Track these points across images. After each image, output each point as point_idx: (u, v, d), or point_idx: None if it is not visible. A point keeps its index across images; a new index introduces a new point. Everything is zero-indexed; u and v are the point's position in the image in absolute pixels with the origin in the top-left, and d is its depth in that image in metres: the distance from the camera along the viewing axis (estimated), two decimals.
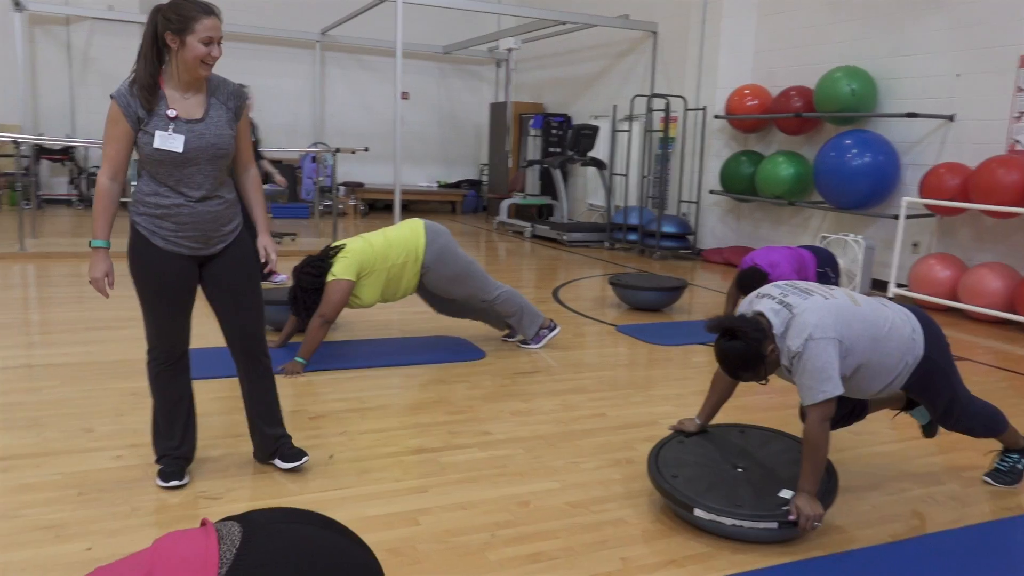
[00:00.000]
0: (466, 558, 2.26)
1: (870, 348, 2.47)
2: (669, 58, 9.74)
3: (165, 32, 2.38)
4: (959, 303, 6.10)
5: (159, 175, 2.46)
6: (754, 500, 2.42)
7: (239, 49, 12.46)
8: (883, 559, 2.32)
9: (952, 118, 6.71)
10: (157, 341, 2.60)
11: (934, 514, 2.67)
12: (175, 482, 2.60)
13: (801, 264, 5.25)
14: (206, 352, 4.23)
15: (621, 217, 9.63)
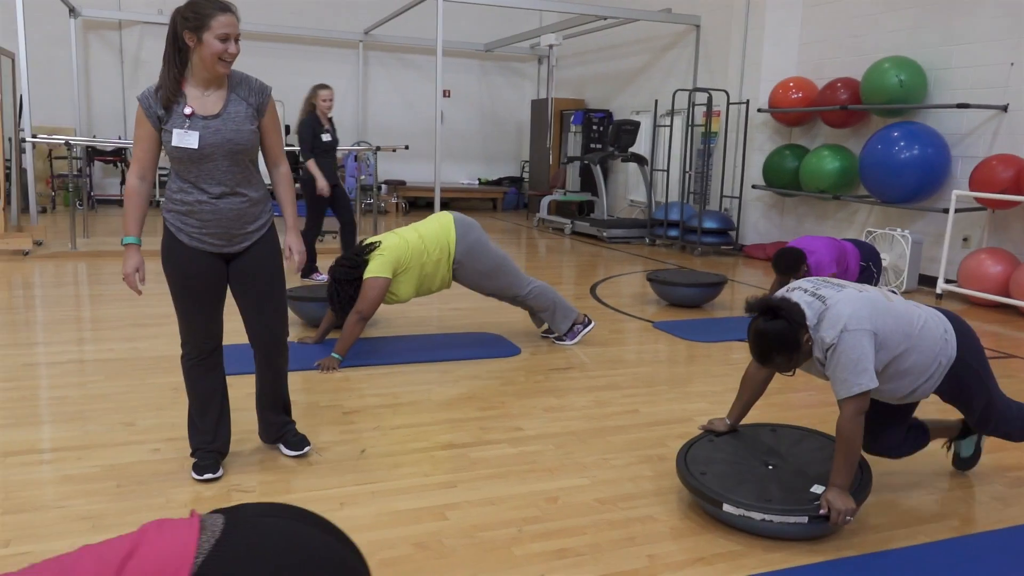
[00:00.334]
0: (492, 553, 2.27)
1: (903, 343, 2.41)
2: (712, 51, 9.61)
3: (183, 31, 2.43)
4: (1011, 299, 5.90)
5: (182, 172, 2.53)
6: (784, 495, 2.38)
7: (284, 50, 12.67)
8: (918, 560, 2.26)
9: (1006, 108, 6.49)
10: (188, 336, 2.66)
11: (975, 515, 2.59)
12: (209, 475, 2.66)
13: (842, 254, 5.13)
14: (240, 348, 4.31)
15: (662, 213, 9.54)
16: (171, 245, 2.58)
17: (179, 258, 2.57)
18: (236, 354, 4.12)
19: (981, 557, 2.29)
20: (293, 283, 6.32)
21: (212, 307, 2.65)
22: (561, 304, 4.59)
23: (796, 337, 2.32)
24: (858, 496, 2.35)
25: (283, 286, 2.75)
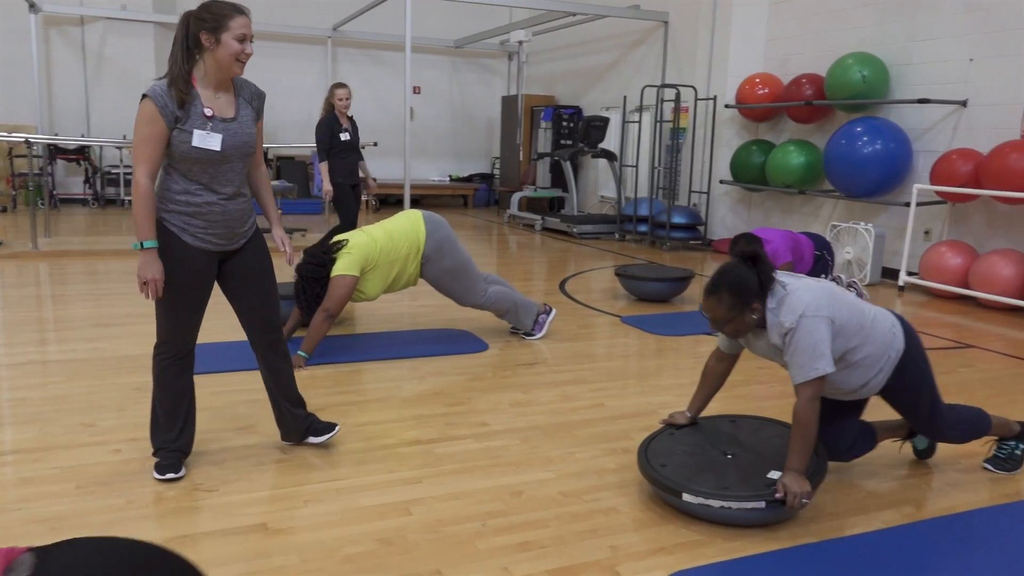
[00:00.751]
0: (456, 547, 2.28)
1: (858, 334, 2.46)
2: (680, 48, 9.69)
3: (199, 32, 2.44)
4: (971, 291, 6.03)
5: (191, 173, 2.52)
6: (742, 482, 2.42)
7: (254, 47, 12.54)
8: (874, 546, 2.31)
9: (965, 103, 6.63)
10: (171, 336, 2.64)
11: (930, 501, 2.65)
12: (171, 475, 2.64)
13: (796, 244, 5.24)
14: (203, 348, 4.28)
15: (631, 209, 9.60)
16: (172, 245, 2.54)
17: (180, 258, 2.55)
18: (199, 353, 4.08)
19: (935, 541, 2.34)
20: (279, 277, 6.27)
21: (202, 307, 2.67)
22: (521, 302, 4.63)
23: (752, 293, 2.38)
24: (813, 480, 2.40)
25: (275, 277, 2.82)
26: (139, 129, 2.43)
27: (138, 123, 2.43)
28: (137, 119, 2.43)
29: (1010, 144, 5.90)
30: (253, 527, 2.36)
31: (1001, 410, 3.65)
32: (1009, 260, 5.85)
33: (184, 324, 2.63)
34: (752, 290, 2.40)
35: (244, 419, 3.24)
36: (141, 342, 4.38)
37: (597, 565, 2.21)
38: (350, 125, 6.45)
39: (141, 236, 2.46)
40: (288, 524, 2.38)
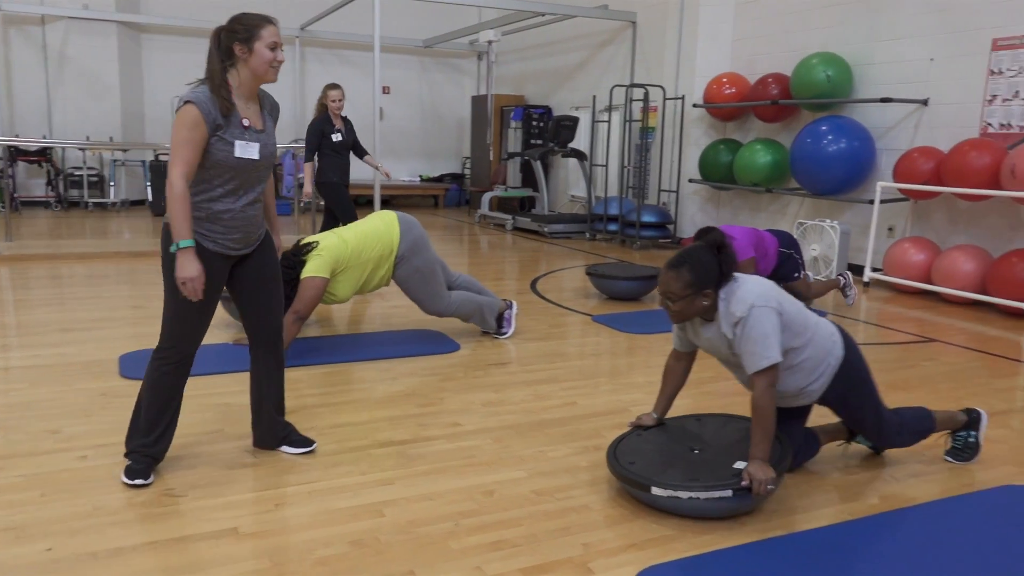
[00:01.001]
0: (428, 547, 2.28)
1: (801, 333, 2.55)
2: (648, 47, 9.76)
3: (232, 44, 2.52)
4: (933, 286, 6.16)
5: (218, 181, 2.55)
6: (709, 474, 2.46)
7: None
8: (841, 537, 2.35)
9: (926, 102, 6.76)
10: (178, 340, 2.63)
11: (894, 492, 2.71)
12: (140, 480, 2.61)
13: (760, 241, 5.23)
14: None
15: (602, 208, 9.65)
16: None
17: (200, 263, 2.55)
18: None
19: (900, 531, 2.39)
20: None
21: (212, 312, 2.69)
22: (485, 303, 4.61)
23: (710, 279, 2.45)
24: (778, 468, 2.45)
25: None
26: (179, 132, 2.45)
27: (179, 126, 2.46)
28: (178, 123, 2.46)
29: (969, 142, 6.04)
30: (224, 532, 2.34)
31: (962, 403, 3.73)
32: (970, 256, 5.98)
33: (194, 328, 2.65)
34: (711, 275, 2.47)
35: (212, 423, 3.22)
36: (106, 346, 4.32)
37: (569, 562, 2.22)
38: (343, 126, 6.43)
39: (178, 236, 2.46)
40: (259, 528, 2.37)
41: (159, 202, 10.98)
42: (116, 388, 3.62)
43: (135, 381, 3.72)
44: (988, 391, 3.93)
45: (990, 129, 6.28)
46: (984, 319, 5.63)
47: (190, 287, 2.50)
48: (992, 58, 6.26)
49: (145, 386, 2.67)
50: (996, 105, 6.24)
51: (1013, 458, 3.05)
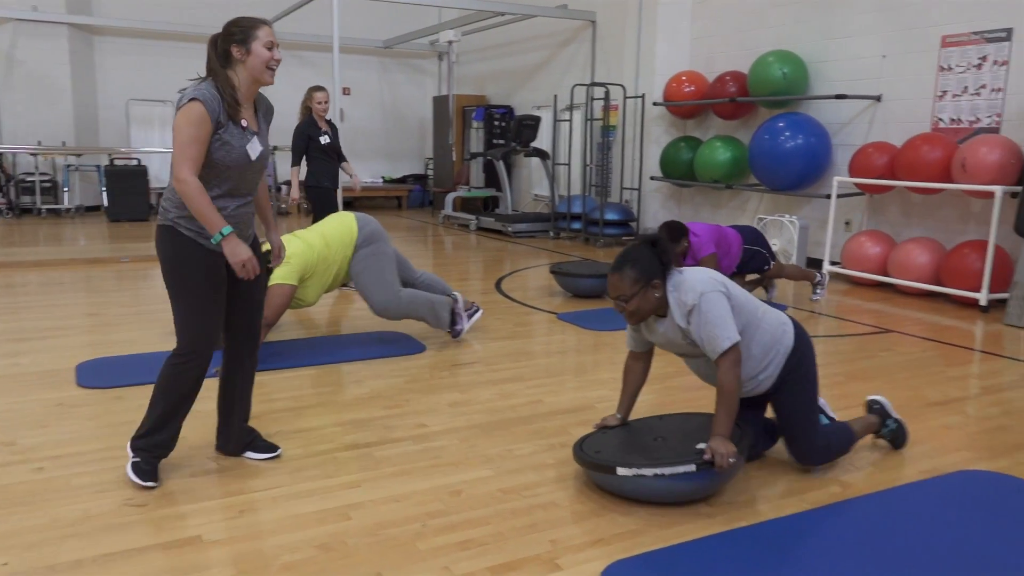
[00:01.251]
0: (396, 549, 2.27)
1: (752, 321, 2.63)
2: (608, 47, 9.82)
3: (230, 46, 2.53)
4: (889, 278, 6.29)
5: (215, 182, 2.55)
6: (672, 455, 2.51)
7: (172, 49, 12.21)
8: (805, 525, 2.39)
9: (879, 99, 6.90)
10: (202, 339, 2.61)
11: (854, 480, 2.76)
12: (151, 482, 2.62)
13: (722, 237, 5.28)
14: (121, 360, 4.16)
15: (565, 206, 9.68)
16: (191, 249, 2.56)
17: (205, 261, 2.57)
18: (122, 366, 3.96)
19: (861, 518, 2.44)
20: None
21: (224, 305, 2.69)
22: (436, 302, 4.50)
23: (653, 270, 2.54)
24: (740, 446, 2.50)
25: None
26: (185, 130, 2.44)
27: (183, 124, 2.44)
28: (182, 120, 2.44)
29: (921, 137, 6.18)
30: (187, 540, 2.30)
31: (919, 390, 3.82)
32: (924, 248, 6.12)
33: (213, 321, 2.63)
34: (653, 267, 2.54)
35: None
36: (62, 356, 4.22)
37: (537, 559, 2.23)
38: (329, 128, 6.26)
39: (216, 227, 2.48)
40: (224, 535, 2.34)
41: (116, 207, 10.76)
42: (73, 398, 3.54)
43: (92, 390, 3.64)
44: (943, 379, 4.02)
45: (941, 124, 6.44)
46: (938, 309, 5.76)
47: (250, 267, 2.54)
48: (941, 55, 6.41)
49: (161, 386, 2.64)
50: (946, 101, 6.40)
51: (968, 444, 3.13)
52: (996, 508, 2.52)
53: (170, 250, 2.56)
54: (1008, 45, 5.95)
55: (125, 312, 5.31)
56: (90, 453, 2.92)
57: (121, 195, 10.77)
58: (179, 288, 2.58)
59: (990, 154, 5.60)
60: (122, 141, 11.95)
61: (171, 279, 2.59)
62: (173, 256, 2.56)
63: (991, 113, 6.09)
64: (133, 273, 6.88)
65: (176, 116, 2.47)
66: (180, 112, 2.46)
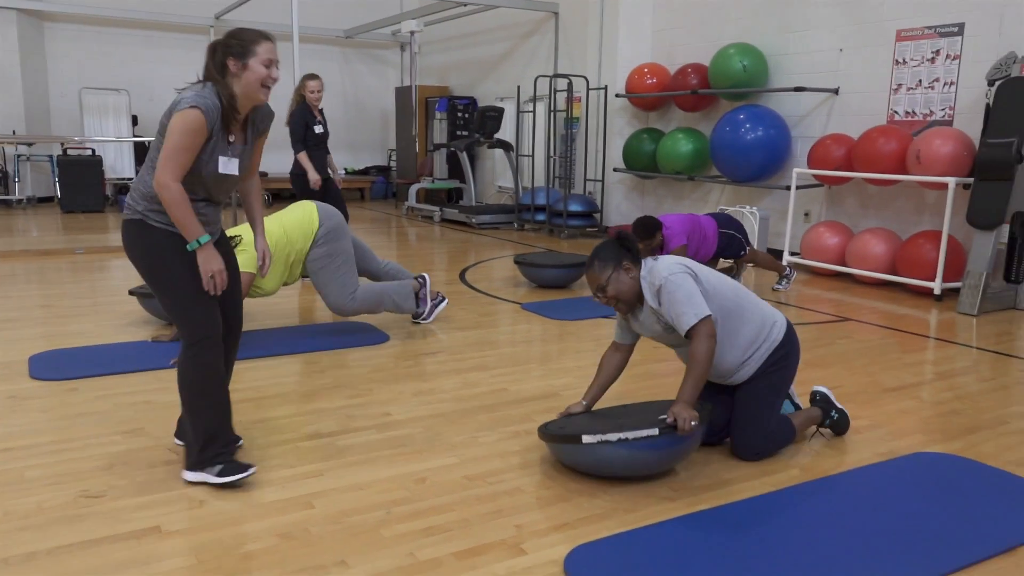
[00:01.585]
0: (359, 536, 2.25)
1: (735, 308, 2.69)
2: (571, 38, 9.83)
3: (227, 58, 2.45)
4: (847, 267, 6.41)
5: (191, 185, 2.47)
6: (635, 423, 2.55)
7: (128, 36, 11.93)
8: (766, 507, 2.43)
9: (837, 91, 7.01)
10: (209, 323, 2.53)
11: (814, 464, 2.81)
12: (247, 471, 2.54)
13: (696, 226, 5.43)
14: (81, 351, 4.07)
15: (529, 198, 9.69)
16: (166, 241, 2.48)
17: (179, 249, 2.48)
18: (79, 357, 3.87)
19: (822, 498, 2.49)
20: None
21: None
22: (392, 290, 4.45)
23: (618, 253, 2.66)
24: (701, 415, 2.55)
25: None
26: (180, 137, 2.36)
27: (180, 130, 2.36)
28: (180, 125, 2.35)
29: (878, 129, 6.29)
30: (145, 531, 2.26)
31: (876, 376, 3.90)
32: (880, 238, 6.24)
33: (214, 308, 2.56)
34: (618, 252, 2.65)
35: (131, 422, 3.10)
36: (14, 348, 4.11)
37: (502, 544, 2.23)
38: (322, 117, 6.09)
39: (194, 235, 2.43)
40: (183, 525, 2.30)
41: (69, 198, 10.50)
42: (25, 390, 3.45)
43: (45, 383, 3.55)
44: (898, 366, 4.11)
45: (896, 117, 6.57)
46: (894, 298, 5.89)
47: (219, 279, 2.48)
48: (896, 49, 6.53)
49: (188, 387, 2.54)
50: (901, 94, 6.53)
51: (922, 427, 3.21)
52: (951, 488, 2.58)
53: (143, 245, 2.49)
54: (960, 40, 6.09)
55: (80, 304, 5.19)
56: (44, 445, 2.85)
57: (75, 186, 10.51)
58: (164, 282, 2.50)
59: (943, 146, 5.72)
60: (75, 130, 11.65)
61: (152, 274, 2.50)
62: (148, 250, 2.49)
63: (944, 106, 6.22)
64: (88, 264, 6.72)
65: (173, 118, 2.37)
66: (178, 116, 2.36)
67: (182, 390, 2.55)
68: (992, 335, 4.83)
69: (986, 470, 2.74)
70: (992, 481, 2.64)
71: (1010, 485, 2.61)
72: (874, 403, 3.49)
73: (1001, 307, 5.55)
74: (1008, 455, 2.92)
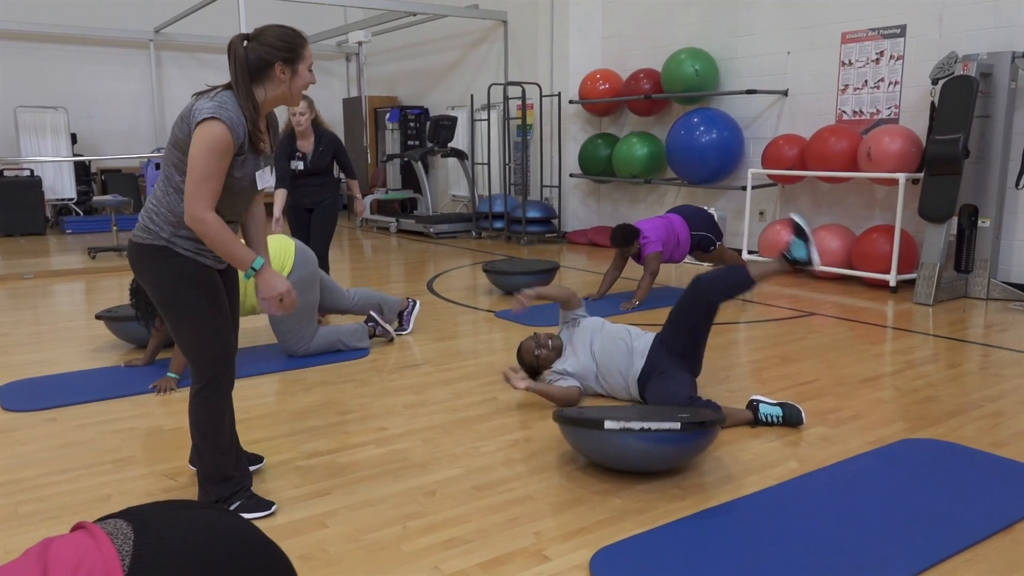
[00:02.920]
0: (381, 553, 2.24)
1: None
2: (521, 46, 9.90)
3: (275, 62, 2.28)
4: None
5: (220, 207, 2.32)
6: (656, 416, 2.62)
7: (65, 52, 11.56)
8: (771, 500, 2.50)
9: (786, 93, 7.23)
10: (223, 353, 2.42)
11: (809, 455, 2.90)
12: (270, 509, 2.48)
13: (670, 231, 5.58)
14: (48, 380, 3.94)
15: (486, 206, 9.72)
16: (193, 268, 2.34)
17: (208, 278, 2.38)
18: (48, 387, 3.75)
19: (821, 489, 2.57)
20: (113, 303, 5.83)
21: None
22: (350, 335, 4.38)
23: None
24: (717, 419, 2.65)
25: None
26: (208, 161, 2.17)
27: (207, 151, 2.16)
28: (207, 147, 2.16)
29: (827, 129, 6.51)
30: None
31: (850, 368, 4.03)
32: (835, 234, 6.45)
33: (232, 339, 2.45)
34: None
35: (119, 450, 3.02)
36: None
37: (524, 552, 2.25)
38: (313, 146, 5.12)
39: (247, 262, 2.30)
40: None
41: (7, 221, 10.12)
42: (1, 423, 3.33)
43: (21, 414, 3.43)
44: (868, 356, 4.26)
45: (844, 116, 6.80)
46: (852, 292, 6.09)
47: (287, 300, 2.37)
48: (842, 51, 6.77)
49: (201, 430, 2.42)
50: (848, 94, 6.77)
51: (902, 414, 3.34)
52: (942, 472, 2.70)
53: (168, 273, 2.32)
54: (903, 41, 6.34)
55: (41, 330, 5.01)
56: (34, 479, 2.75)
57: (13, 208, 10.14)
58: (184, 314, 2.34)
59: (892, 143, 5.95)
60: (11, 150, 11.24)
61: (173, 305, 2.34)
62: (173, 279, 2.32)
63: (890, 105, 6.47)
64: (40, 290, 6.49)
65: (195, 138, 2.17)
66: (202, 136, 2.16)
67: (193, 429, 2.45)
68: (948, 323, 5.04)
69: (971, 452, 2.87)
70: (979, 463, 2.77)
71: (996, 466, 2.74)
72: (853, 394, 3.62)
73: (953, 296, 5.79)
74: (988, 437, 3.06)
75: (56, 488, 2.68)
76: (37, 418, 3.38)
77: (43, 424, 3.31)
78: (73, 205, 11.28)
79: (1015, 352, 4.33)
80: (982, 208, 5.73)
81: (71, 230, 10.57)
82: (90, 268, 7.39)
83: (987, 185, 5.70)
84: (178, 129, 2.26)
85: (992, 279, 5.75)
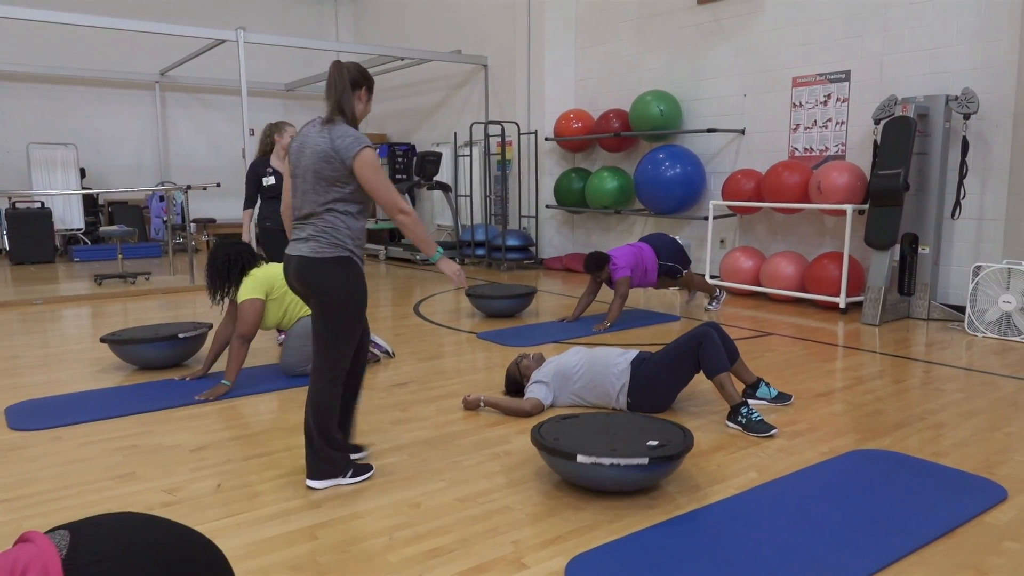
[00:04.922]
0: (368, 563, 2.21)
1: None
2: (501, 87, 9.98)
3: (363, 88, 2.65)
4: (761, 287, 6.65)
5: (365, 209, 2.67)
6: (625, 447, 2.59)
7: (75, 93, 11.49)
8: (734, 507, 2.49)
9: (743, 131, 7.32)
10: (343, 360, 2.69)
11: (768, 465, 2.90)
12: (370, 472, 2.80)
13: (639, 260, 5.59)
14: (56, 400, 3.87)
15: (469, 234, 9.72)
16: (362, 279, 2.68)
17: (366, 287, 2.69)
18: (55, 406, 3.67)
19: (783, 496, 2.57)
20: (117, 327, 5.75)
21: None
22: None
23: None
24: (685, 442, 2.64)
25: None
26: (378, 172, 2.57)
27: (376, 168, 2.56)
28: (373, 164, 2.55)
29: (781, 164, 6.60)
30: None
31: (805, 384, 4.05)
32: (790, 260, 6.52)
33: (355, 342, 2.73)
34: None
35: (121, 467, 2.96)
36: None
37: (503, 560, 2.22)
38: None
39: (434, 248, 2.74)
40: None
41: (19, 250, 9.98)
42: (9, 441, 3.25)
43: (27, 432, 3.36)
44: (822, 373, 4.29)
45: (796, 153, 6.90)
46: (805, 313, 6.14)
47: (462, 274, 2.79)
48: (793, 93, 6.89)
49: (320, 412, 2.67)
50: (800, 132, 6.87)
51: (854, 427, 3.35)
52: (890, 480, 2.71)
53: (351, 279, 2.61)
54: (848, 85, 6.46)
55: (47, 353, 4.93)
56: (39, 495, 2.69)
57: (24, 238, 10.00)
58: (351, 314, 2.62)
59: (840, 177, 6.04)
60: (23, 184, 11.12)
61: (347, 307, 2.61)
62: (353, 284, 2.62)
63: (837, 143, 6.58)
64: (49, 314, 6.39)
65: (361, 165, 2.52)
66: (365, 162, 2.52)
67: (318, 413, 2.67)
68: (893, 342, 5.09)
69: (915, 462, 2.88)
70: (923, 472, 2.78)
71: (938, 474, 2.76)
72: (809, 408, 3.63)
73: (898, 316, 5.86)
74: (930, 447, 3.08)
75: (61, 504, 2.62)
76: (43, 436, 3.31)
77: (49, 442, 3.24)
78: (81, 235, 11.15)
79: (954, 368, 4.38)
80: (922, 236, 5.82)
81: (79, 258, 10.44)
82: (96, 294, 7.30)
83: (926, 215, 5.79)
84: (329, 171, 2.55)
85: (932, 301, 5.82)
